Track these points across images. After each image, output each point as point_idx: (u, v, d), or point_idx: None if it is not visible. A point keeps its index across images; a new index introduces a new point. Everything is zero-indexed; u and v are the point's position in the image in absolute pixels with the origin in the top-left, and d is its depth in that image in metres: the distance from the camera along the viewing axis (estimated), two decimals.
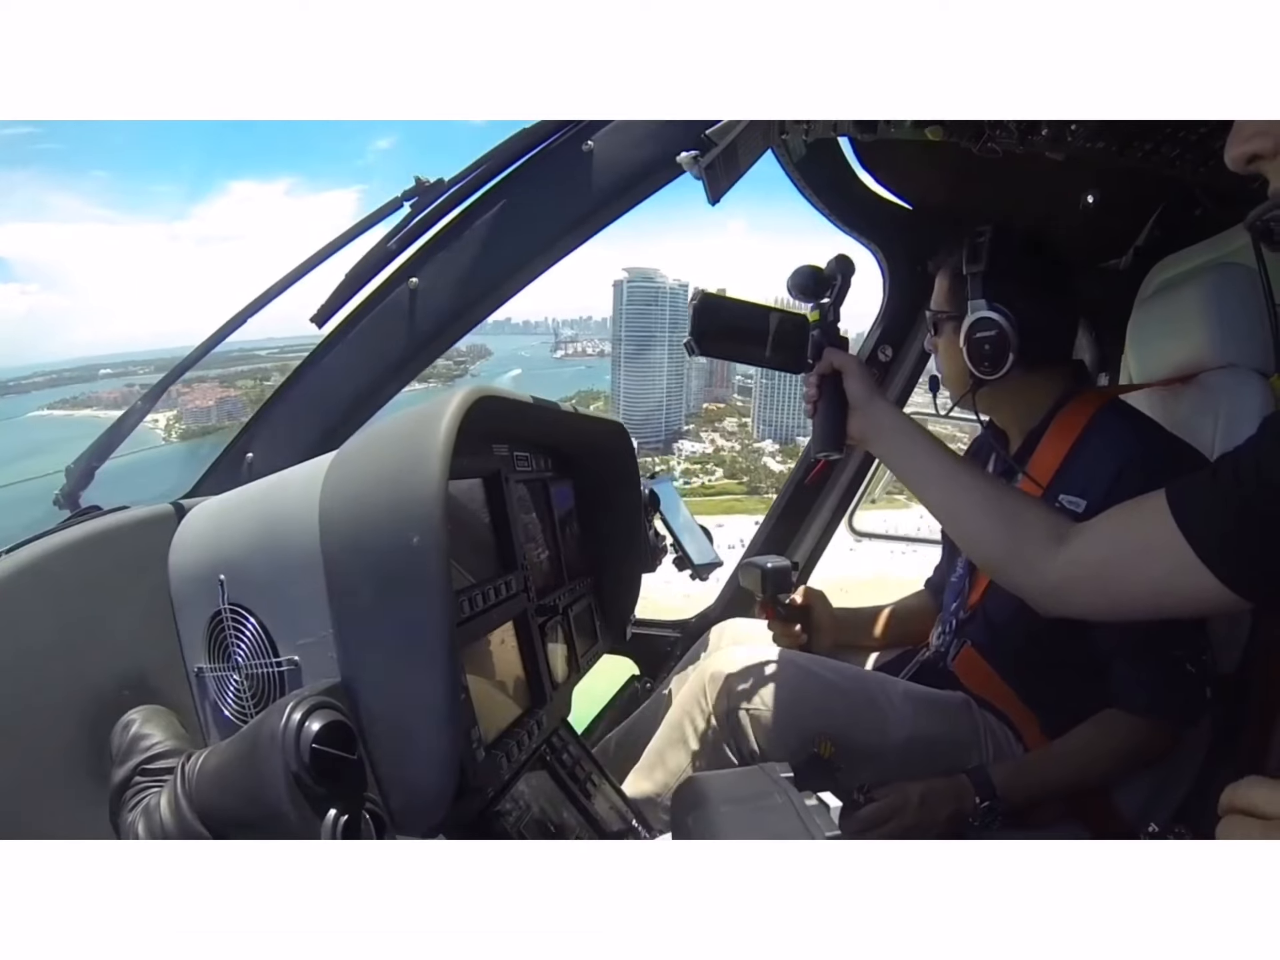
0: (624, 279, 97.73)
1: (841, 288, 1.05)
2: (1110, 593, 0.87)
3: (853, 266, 1.05)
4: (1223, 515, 0.76)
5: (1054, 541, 0.89)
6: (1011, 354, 1.19)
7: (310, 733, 0.59)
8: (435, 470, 0.66)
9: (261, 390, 57.56)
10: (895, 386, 1.90)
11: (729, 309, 1.05)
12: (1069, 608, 0.93)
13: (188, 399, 67.96)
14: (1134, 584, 0.84)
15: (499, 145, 0.98)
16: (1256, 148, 0.60)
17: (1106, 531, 0.87)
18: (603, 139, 0.95)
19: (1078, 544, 0.88)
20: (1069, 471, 1.18)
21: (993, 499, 0.95)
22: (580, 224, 0.99)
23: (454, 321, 1.01)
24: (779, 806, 0.72)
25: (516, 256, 0.99)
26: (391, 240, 0.98)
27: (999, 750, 1.22)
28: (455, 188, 0.97)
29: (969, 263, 1.21)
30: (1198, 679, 1.09)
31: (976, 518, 0.96)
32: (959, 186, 1.63)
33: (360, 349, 1.01)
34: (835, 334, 1.06)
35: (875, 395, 1.02)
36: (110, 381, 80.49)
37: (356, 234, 0.99)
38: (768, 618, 1.47)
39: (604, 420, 1.28)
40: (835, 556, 2.16)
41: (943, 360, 1.33)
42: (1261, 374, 1.27)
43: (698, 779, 0.80)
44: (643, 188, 0.99)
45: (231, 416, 57.61)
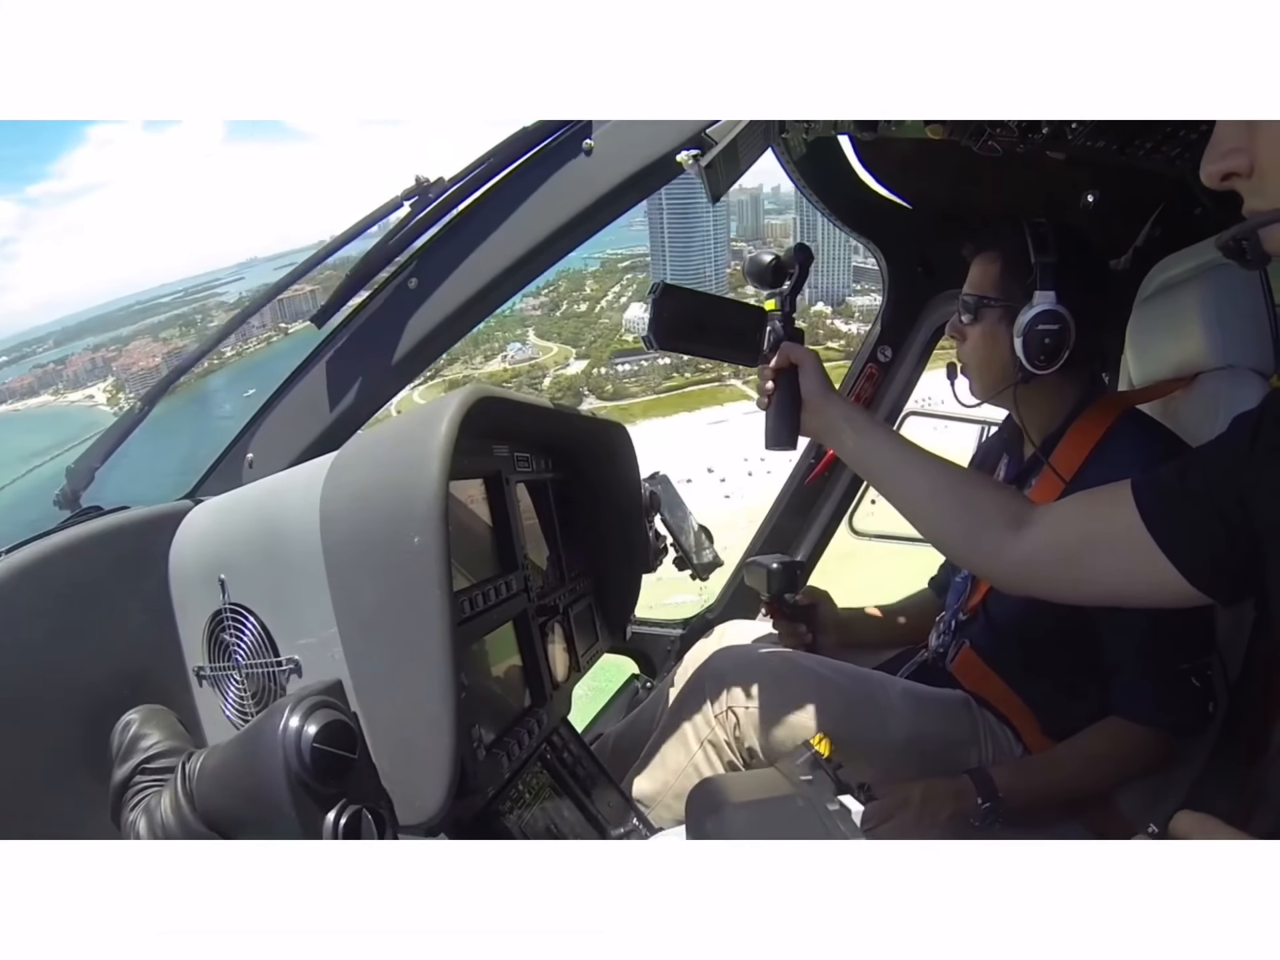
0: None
1: (799, 278, 1.02)
2: (1069, 578, 0.87)
3: (811, 256, 1.03)
4: (1188, 511, 0.76)
5: (1013, 525, 0.89)
6: (1067, 350, 1.16)
7: (311, 732, 0.59)
8: (436, 471, 0.66)
9: (194, 335, 55.98)
10: (894, 387, 1.90)
11: (690, 301, 1.03)
12: (1029, 590, 0.94)
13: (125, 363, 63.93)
14: (1094, 570, 0.84)
15: (499, 145, 0.98)
16: (1231, 165, 0.59)
17: (1068, 517, 0.88)
18: (603, 138, 0.95)
19: (1038, 529, 0.88)
20: (1086, 477, 1.17)
21: (951, 484, 0.95)
22: (580, 223, 0.99)
23: (454, 321, 1.01)
24: (800, 811, 0.71)
25: (516, 256, 0.99)
26: (391, 240, 0.98)
27: (999, 749, 1.22)
28: (455, 187, 0.97)
29: (1038, 252, 1.16)
30: (1202, 693, 1.08)
31: (935, 503, 0.96)
32: (959, 186, 1.62)
33: (360, 349, 1.01)
34: (791, 326, 1.04)
35: (830, 391, 1.02)
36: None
37: (356, 234, 0.99)
38: (773, 617, 1.47)
39: (605, 421, 1.28)
40: None
41: (977, 349, 1.27)
42: (1261, 375, 1.26)
43: (715, 780, 0.79)
44: (643, 187, 0.98)
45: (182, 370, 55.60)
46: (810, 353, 1.02)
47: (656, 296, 0.99)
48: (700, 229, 49.96)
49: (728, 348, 1.06)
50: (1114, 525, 0.81)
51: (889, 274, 1.85)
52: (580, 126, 0.96)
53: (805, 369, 1.01)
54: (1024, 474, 1.30)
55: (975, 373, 1.29)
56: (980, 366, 1.28)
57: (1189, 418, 1.30)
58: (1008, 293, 1.21)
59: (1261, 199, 0.59)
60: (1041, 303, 1.15)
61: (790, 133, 1.27)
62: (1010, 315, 1.19)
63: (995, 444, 1.47)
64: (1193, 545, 0.76)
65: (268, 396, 1.05)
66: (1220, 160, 0.59)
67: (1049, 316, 1.15)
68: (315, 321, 1.00)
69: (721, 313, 1.05)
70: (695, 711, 1.25)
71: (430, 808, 0.66)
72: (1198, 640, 1.09)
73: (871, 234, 1.80)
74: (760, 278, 1.03)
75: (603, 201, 0.97)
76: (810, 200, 1.73)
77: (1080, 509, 0.88)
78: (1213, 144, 0.60)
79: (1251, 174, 0.58)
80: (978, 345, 1.26)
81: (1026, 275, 1.18)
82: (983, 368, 1.27)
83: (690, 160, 0.91)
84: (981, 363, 1.27)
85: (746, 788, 0.76)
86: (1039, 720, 1.22)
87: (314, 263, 0.99)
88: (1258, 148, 0.57)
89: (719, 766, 1.22)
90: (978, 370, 1.28)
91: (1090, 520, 0.85)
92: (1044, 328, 1.15)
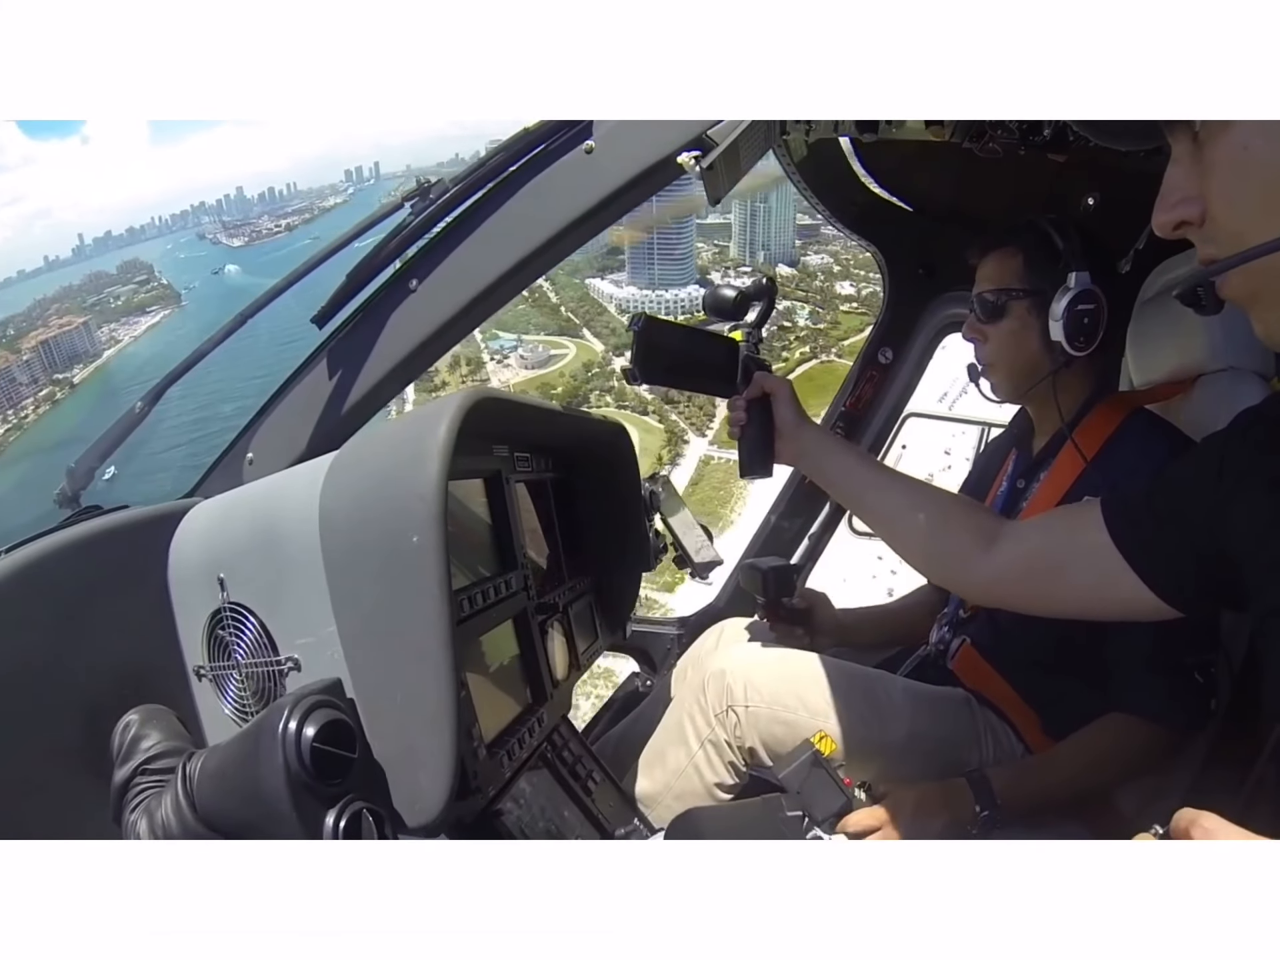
0: None
1: (766, 309, 1.05)
2: (1040, 594, 0.89)
3: (776, 288, 1.06)
4: (1155, 532, 0.78)
5: (985, 541, 0.91)
6: (1102, 330, 1.17)
7: (310, 732, 0.59)
8: (435, 471, 0.66)
9: (104, 312, 53.06)
10: (895, 389, 1.90)
11: (670, 334, 1.04)
12: (1001, 604, 0.97)
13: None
14: (1064, 587, 0.86)
15: (499, 145, 0.98)
16: (1182, 214, 0.59)
17: (1039, 535, 0.90)
18: (604, 139, 0.95)
19: (1009, 545, 0.90)
20: (1098, 472, 1.18)
21: (922, 503, 0.97)
22: (581, 224, 0.99)
23: (454, 322, 1.01)
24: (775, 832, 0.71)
25: (517, 257, 0.99)
26: (392, 241, 0.98)
27: (999, 747, 1.22)
28: (456, 188, 0.97)
29: (1063, 238, 1.18)
30: (1204, 688, 1.09)
31: (907, 522, 0.98)
32: (960, 188, 1.63)
33: (360, 349, 1.01)
34: (759, 357, 1.07)
35: (804, 418, 1.04)
36: None
37: (357, 235, 0.99)
38: (770, 621, 1.47)
39: (605, 421, 1.28)
40: None
41: (1004, 345, 1.26)
42: (1262, 377, 1.26)
43: (695, 813, 0.79)
44: (643, 188, 0.98)
45: (100, 343, 49.05)
46: (784, 381, 1.05)
47: (639, 329, 1.00)
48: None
49: (708, 379, 1.08)
50: (1084, 542, 0.82)
51: (889, 276, 1.85)
52: (581, 127, 0.96)
53: (780, 397, 1.04)
54: (1033, 468, 1.30)
55: (1004, 370, 1.28)
56: (1009, 363, 1.27)
57: (1190, 420, 1.30)
58: (1034, 283, 1.22)
59: (1214, 246, 0.59)
60: (1079, 284, 1.16)
61: (791, 134, 1.27)
62: (1039, 304, 1.20)
63: (1004, 441, 1.48)
64: (1162, 564, 0.78)
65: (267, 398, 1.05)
66: (1171, 210, 0.59)
67: (1087, 296, 1.16)
68: (316, 322, 1.00)
69: (699, 345, 1.07)
70: (695, 711, 1.25)
71: (431, 808, 0.66)
72: (1202, 636, 1.09)
73: (872, 236, 1.80)
74: (720, 310, 1.05)
75: (604, 203, 0.97)
76: (810, 202, 1.72)
77: (1051, 526, 0.90)
78: (1163, 194, 0.60)
79: (1203, 223, 0.58)
80: (1004, 341, 1.26)
81: (1052, 263, 1.18)
82: (1012, 363, 1.27)
83: (691, 162, 0.91)
84: (1011, 358, 1.27)
85: (725, 823, 0.76)
86: (1040, 718, 1.22)
87: (315, 263, 0.99)
88: (1209, 197, 0.57)
89: (719, 766, 1.23)
90: (1007, 367, 1.28)
91: (1060, 536, 0.87)
92: (1084, 307, 1.16)
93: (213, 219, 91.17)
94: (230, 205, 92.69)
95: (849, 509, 1.07)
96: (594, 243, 35.48)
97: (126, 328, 50.85)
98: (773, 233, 49.11)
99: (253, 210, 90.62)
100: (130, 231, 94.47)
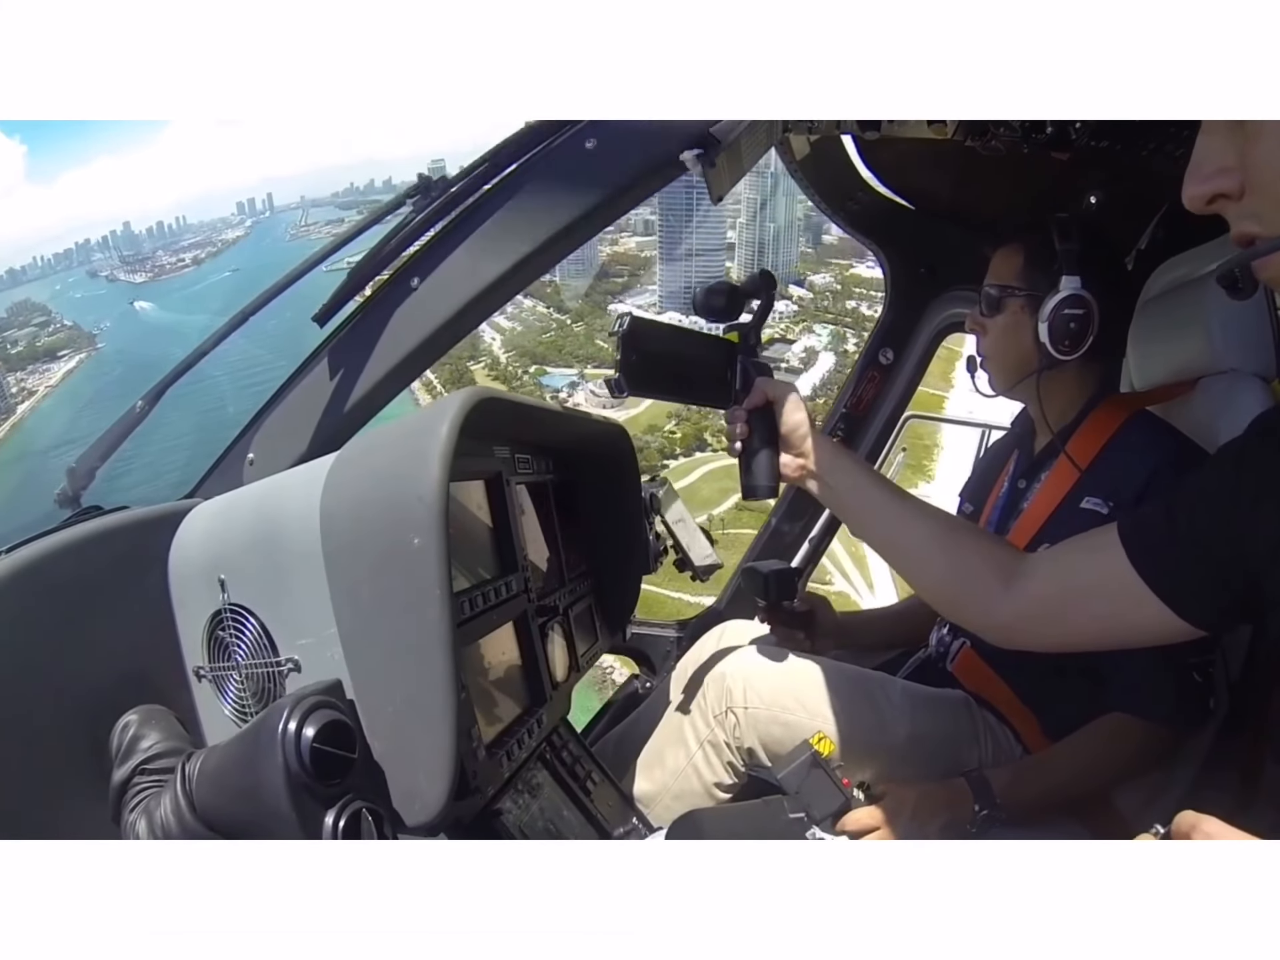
0: None
1: (764, 306, 0.96)
2: (1061, 629, 0.85)
3: (774, 282, 0.97)
4: (1177, 553, 0.74)
5: (1003, 579, 0.87)
6: (1090, 337, 1.17)
7: (310, 733, 0.59)
8: (436, 472, 0.66)
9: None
10: (896, 390, 1.90)
11: (659, 337, 0.94)
12: (1019, 644, 0.92)
13: None
14: (1086, 619, 0.83)
15: (500, 144, 0.97)
16: (1219, 187, 0.54)
17: (1057, 568, 0.85)
18: (605, 138, 0.95)
19: (1027, 582, 0.86)
20: (1096, 474, 1.17)
21: (939, 535, 0.91)
22: (582, 223, 0.98)
23: (456, 321, 1.01)
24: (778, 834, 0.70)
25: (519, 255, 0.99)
26: (393, 240, 0.98)
27: (998, 749, 1.22)
28: (457, 186, 0.97)
29: (1062, 239, 1.18)
30: (1203, 688, 1.08)
31: (924, 555, 0.92)
32: (962, 187, 1.62)
33: (360, 349, 1.01)
34: (758, 360, 0.97)
35: (814, 428, 0.95)
36: None
37: (358, 233, 0.99)
38: (771, 624, 1.47)
39: (605, 422, 1.28)
40: None
41: (999, 340, 1.27)
42: (1263, 379, 1.26)
43: (697, 814, 0.78)
44: (645, 186, 0.98)
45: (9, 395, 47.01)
46: (790, 386, 0.96)
47: (624, 333, 0.90)
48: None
49: (703, 389, 0.97)
50: (1104, 573, 0.79)
51: (891, 275, 1.84)
52: (583, 126, 0.96)
53: (786, 404, 0.94)
54: (1034, 468, 1.31)
55: (996, 363, 1.30)
56: (1001, 357, 1.29)
57: (1190, 421, 1.30)
58: (1031, 282, 1.23)
59: (1255, 223, 0.54)
60: (1067, 288, 1.17)
61: (793, 132, 1.27)
62: (1033, 304, 1.21)
63: (1007, 440, 1.48)
64: (1186, 586, 0.75)
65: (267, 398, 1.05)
66: (1206, 182, 0.55)
67: (1074, 301, 1.17)
68: (317, 321, 1.00)
69: (692, 348, 0.96)
70: (695, 712, 1.25)
71: (431, 808, 0.66)
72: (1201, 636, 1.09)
73: (874, 234, 1.80)
74: (712, 309, 0.96)
75: (605, 201, 0.97)
76: (813, 200, 1.72)
77: (1068, 557, 0.86)
78: (1195, 165, 0.55)
79: (1242, 196, 0.53)
80: (999, 336, 1.28)
81: (1049, 264, 1.19)
82: (1004, 358, 1.28)
83: (694, 160, 0.91)
84: (1003, 353, 1.28)
85: (727, 824, 0.75)
86: (1039, 720, 1.22)
87: (316, 261, 0.99)
88: (1250, 167, 0.52)
89: (719, 766, 1.23)
90: (999, 361, 1.29)
91: (1080, 567, 0.83)
92: (1069, 312, 1.17)
93: (104, 256, 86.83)
94: (118, 241, 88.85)
95: (855, 533, 0.98)
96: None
97: (36, 376, 48.48)
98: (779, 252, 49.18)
99: (144, 245, 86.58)
100: (10, 273, 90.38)
